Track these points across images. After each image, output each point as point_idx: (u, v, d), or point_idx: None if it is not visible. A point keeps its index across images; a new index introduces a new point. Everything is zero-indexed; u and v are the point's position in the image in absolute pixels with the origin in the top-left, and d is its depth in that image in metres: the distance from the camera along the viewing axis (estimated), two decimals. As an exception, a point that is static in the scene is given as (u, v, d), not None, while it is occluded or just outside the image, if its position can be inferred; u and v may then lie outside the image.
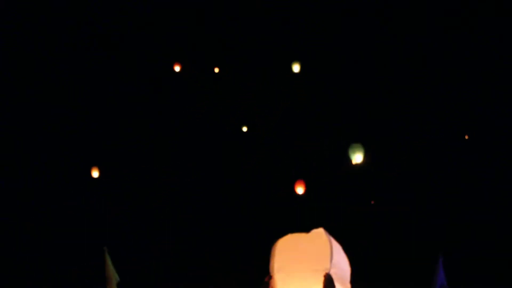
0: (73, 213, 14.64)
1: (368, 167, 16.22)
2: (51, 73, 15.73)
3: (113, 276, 9.19)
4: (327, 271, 4.15)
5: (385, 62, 16.54)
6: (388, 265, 14.57)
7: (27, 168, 15.12)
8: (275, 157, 16.25)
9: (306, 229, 3.82)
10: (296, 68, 15.80)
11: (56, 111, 15.78)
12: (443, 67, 16.39)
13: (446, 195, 15.74)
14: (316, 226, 4.31)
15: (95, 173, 14.97)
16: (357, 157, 14.09)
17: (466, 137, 16.43)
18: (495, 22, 15.80)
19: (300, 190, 14.99)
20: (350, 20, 16.54)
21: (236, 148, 16.67)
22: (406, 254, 14.84)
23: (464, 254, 14.33)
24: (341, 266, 4.53)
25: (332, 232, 4.30)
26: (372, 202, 16.38)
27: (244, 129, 16.92)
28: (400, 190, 15.85)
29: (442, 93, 16.61)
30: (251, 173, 16.31)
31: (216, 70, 17.16)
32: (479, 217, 15.38)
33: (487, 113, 16.14)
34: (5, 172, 14.84)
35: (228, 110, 16.99)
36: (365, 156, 14.20)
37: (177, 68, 16.49)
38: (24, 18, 15.29)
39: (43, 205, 14.44)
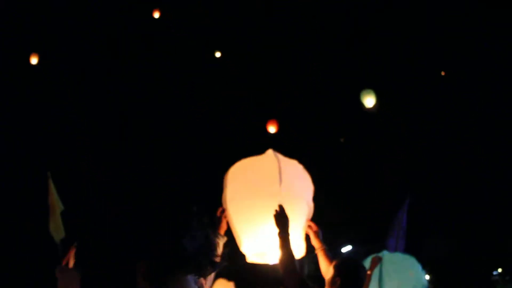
0: (73, 213, 14.60)
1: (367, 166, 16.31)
2: (50, 72, 15.71)
3: (57, 204, 8.52)
4: (277, 195, 4.06)
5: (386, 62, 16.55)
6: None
7: (26, 167, 15.09)
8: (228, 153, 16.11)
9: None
10: (369, 102, 13.52)
11: (56, 111, 15.76)
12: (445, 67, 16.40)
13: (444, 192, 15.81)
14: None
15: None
16: (369, 101, 13.46)
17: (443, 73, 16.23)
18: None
19: (272, 129, 14.74)
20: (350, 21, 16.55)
21: (236, 148, 16.63)
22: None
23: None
24: (296, 184, 4.43)
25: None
26: (342, 140, 16.32)
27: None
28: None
29: (442, 93, 16.64)
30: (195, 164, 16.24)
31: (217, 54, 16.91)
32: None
33: (488, 113, 16.16)
34: (4, 171, 14.81)
35: (228, 109, 16.96)
36: (376, 102, 13.52)
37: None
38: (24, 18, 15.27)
39: (42, 204, 14.37)
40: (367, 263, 6.00)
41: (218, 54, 16.68)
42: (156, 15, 15.46)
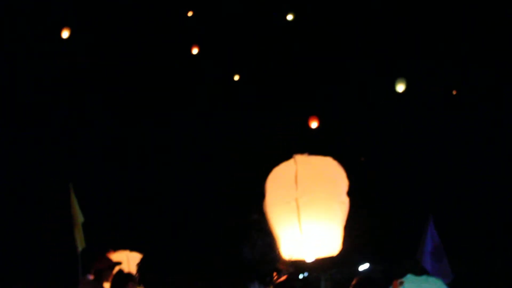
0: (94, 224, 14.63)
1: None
2: (48, 72, 15.74)
3: (78, 215, 8.72)
4: (293, 200, 4.20)
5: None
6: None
7: (27, 166, 15.12)
8: (275, 157, 16.00)
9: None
10: (400, 88, 15.54)
11: (56, 111, 15.79)
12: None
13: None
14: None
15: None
16: (400, 88, 15.38)
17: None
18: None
19: (314, 124, 15.32)
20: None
21: (236, 148, 16.57)
22: None
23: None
24: (321, 186, 4.51)
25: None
26: (362, 159, 16.47)
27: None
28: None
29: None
30: (251, 173, 16.12)
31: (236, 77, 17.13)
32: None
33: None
34: (4, 170, 14.82)
35: (227, 109, 16.96)
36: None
37: (195, 51, 16.20)
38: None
39: (42, 204, 14.36)
40: None
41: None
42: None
